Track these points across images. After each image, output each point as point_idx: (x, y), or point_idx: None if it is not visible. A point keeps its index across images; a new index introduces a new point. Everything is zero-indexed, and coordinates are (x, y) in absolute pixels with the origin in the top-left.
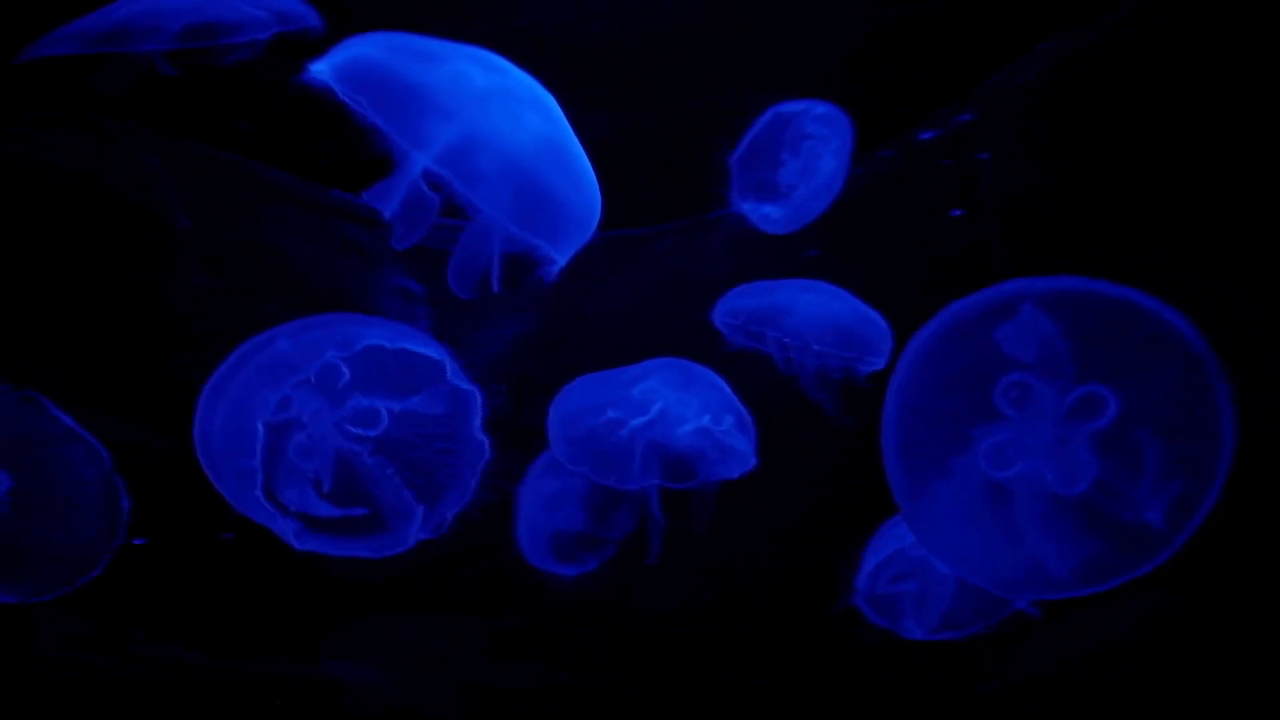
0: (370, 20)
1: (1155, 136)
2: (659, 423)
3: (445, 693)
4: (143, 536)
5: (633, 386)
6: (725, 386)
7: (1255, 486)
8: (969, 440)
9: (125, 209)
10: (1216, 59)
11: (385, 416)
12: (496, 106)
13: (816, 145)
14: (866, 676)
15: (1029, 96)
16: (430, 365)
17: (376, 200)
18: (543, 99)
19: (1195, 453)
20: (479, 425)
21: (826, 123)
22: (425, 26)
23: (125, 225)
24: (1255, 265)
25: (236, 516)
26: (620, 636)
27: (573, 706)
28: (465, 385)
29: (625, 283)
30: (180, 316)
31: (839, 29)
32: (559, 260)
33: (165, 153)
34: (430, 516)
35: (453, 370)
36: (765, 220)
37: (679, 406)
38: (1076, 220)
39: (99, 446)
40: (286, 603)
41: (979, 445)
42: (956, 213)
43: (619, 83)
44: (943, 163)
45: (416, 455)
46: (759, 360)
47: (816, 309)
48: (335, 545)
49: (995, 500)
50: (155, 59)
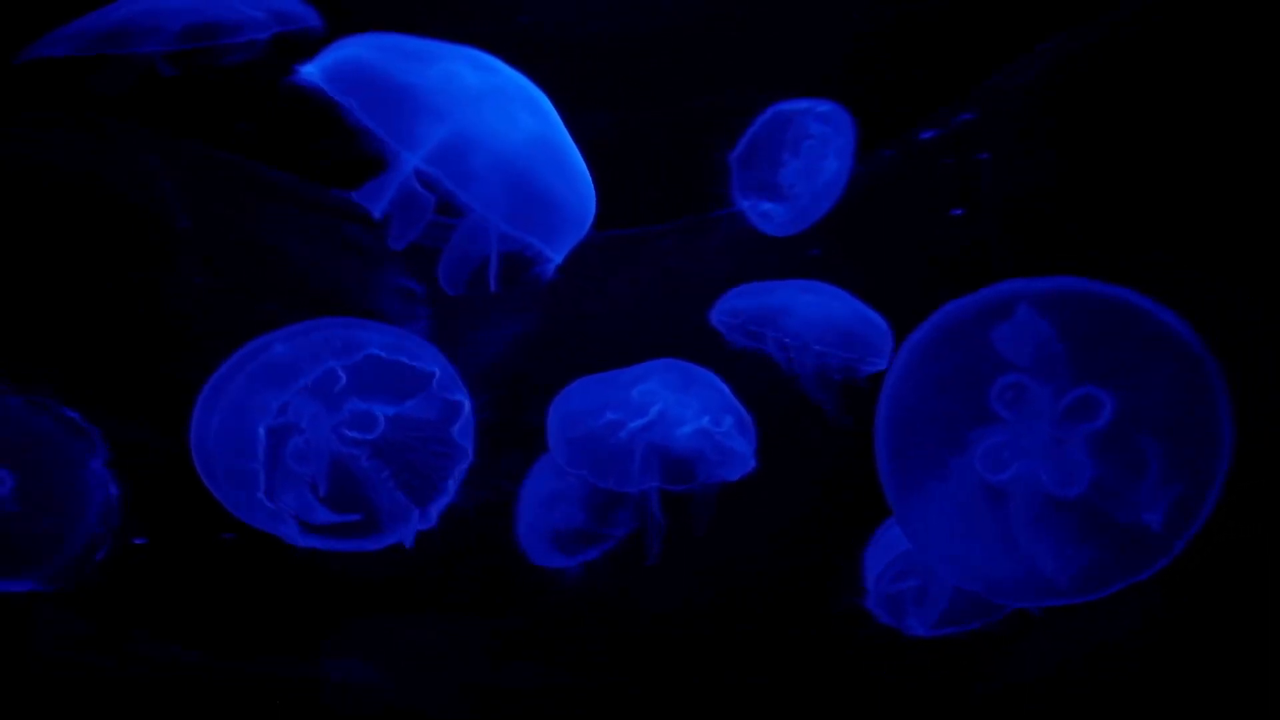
0: (370, 20)
1: (1155, 136)
2: (658, 424)
3: (445, 693)
4: (143, 536)
5: (632, 388)
6: (725, 387)
7: (1256, 487)
8: (963, 442)
9: (125, 209)
10: (1216, 59)
11: (381, 420)
12: (488, 106)
13: (818, 145)
14: (866, 676)
15: (1029, 96)
16: (423, 373)
17: (366, 200)
18: (535, 97)
19: (1194, 454)
20: (459, 432)
21: (829, 122)
22: (425, 26)
23: (125, 225)
24: (1255, 265)
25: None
26: (620, 636)
27: (573, 706)
28: (453, 396)
29: (625, 283)
30: (180, 316)
31: (839, 29)
32: (555, 258)
33: (165, 153)
34: (425, 518)
35: (441, 381)
36: (767, 222)
37: (678, 408)
38: (1076, 220)
39: (97, 440)
40: (286, 603)
41: (974, 447)
42: (957, 212)
43: (619, 83)
44: (943, 162)
45: (413, 458)
46: (759, 361)
47: (816, 310)
48: (333, 544)
49: (990, 503)
50: (155, 60)
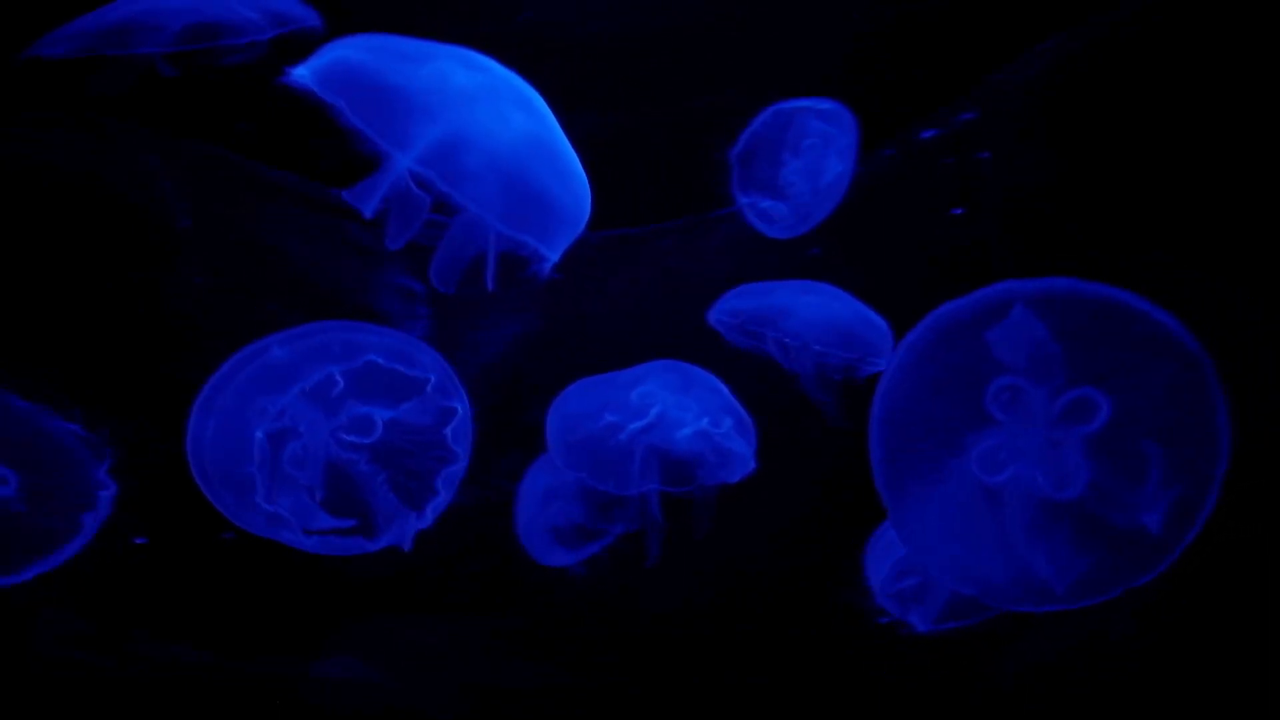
0: (370, 21)
1: (1155, 136)
2: (658, 427)
3: (445, 693)
4: (143, 536)
5: (631, 390)
6: (724, 388)
7: (1256, 487)
8: (959, 444)
9: (125, 209)
10: (1216, 59)
11: (380, 425)
12: (480, 105)
13: (819, 145)
14: (866, 676)
15: (1030, 95)
16: (421, 376)
17: (356, 200)
18: (528, 96)
19: (1192, 455)
20: (456, 435)
21: (831, 121)
22: (425, 26)
23: (125, 225)
24: (1255, 265)
25: None
26: (620, 636)
27: (573, 706)
28: (450, 399)
29: (625, 283)
30: (180, 316)
31: (839, 29)
32: (551, 256)
33: (165, 153)
34: (422, 521)
35: (438, 385)
36: (770, 224)
37: (677, 410)
38: (1076, 220)
39: (100, 440)
40: (286, 603)
41: (970, 449)
42: (957, 212)
43: (619, 83)
44: (943, 162)
45: (410, 461)
46: (759, 361)
47: (817, 310)
48: (331, 549)
49: (986, 506)
50: (156, 60)
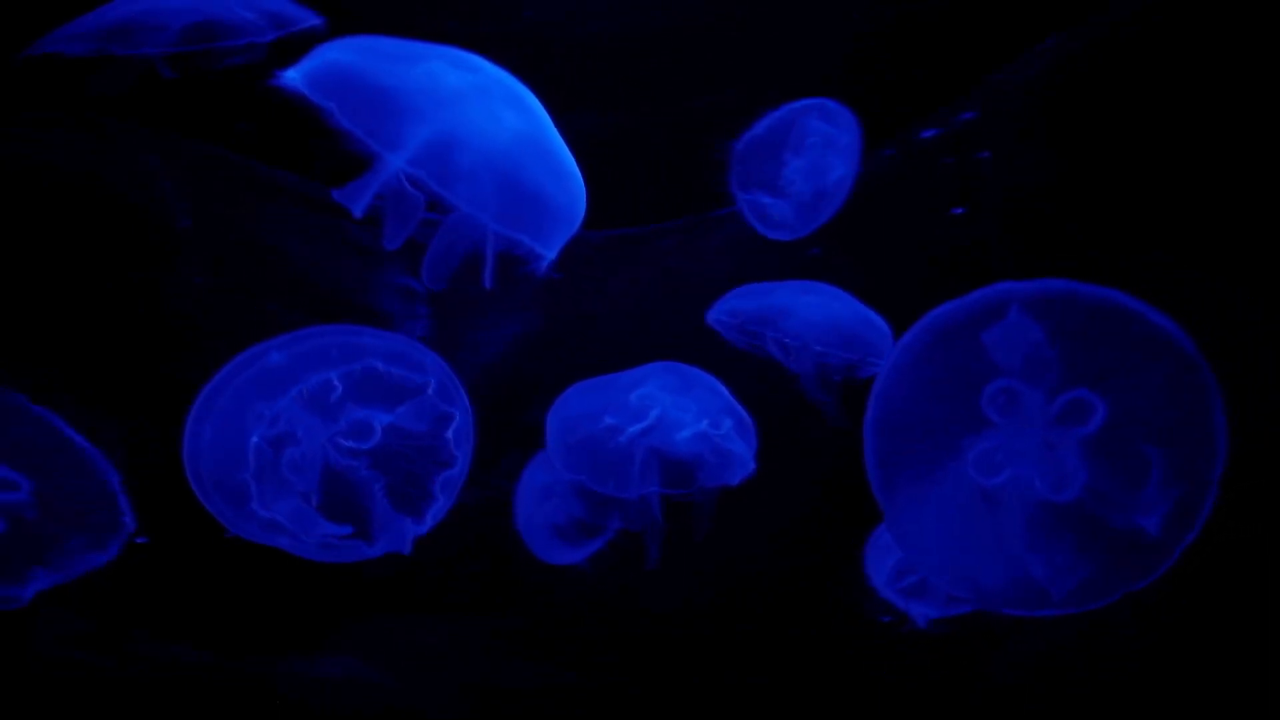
0: (371, 21)
1: (1155, 136)
2: (657, 429)
3: (445, 693)
4: (143, 536)
5: (630, 392)
6: (724, 390)
7: (1255, 488)
8: (956, 446)
9: (125, 209)
10: (1216, 59)
11: (378, 429)
12: (472, 105)
13: (821, 145)
14: (867, 676)
15: (1030, 95)
16: (420, 380)
17: (346, 199)
18: (520, 95)
19: (1190, 457)
20: (456, 439)
21: (832, 121)
22: (425, 27)
23: (125, 225)
24: (1255, 265)
25: None
26: (620, 636)
27: (573, 706)
28: (449, 403)
29: (625, 283)
30: (180, 316)
31: (839, 29)
32: (547, 255)
33: (165, 153)
34: (420, 525)
35: (438, 388)
36: (772, 226)
37: (677, 411)
38: (1076, 220)
39: (106, 443)
40: (286, 603)
41: (965, 452)
42: (957, 212)
43: (619, 83)
44: (944, 161)
45: (409, 466)
46: (759, 362)
47: (817, 310)
48: (329, 555)
49: (983, 508)
50: (156, 61)
